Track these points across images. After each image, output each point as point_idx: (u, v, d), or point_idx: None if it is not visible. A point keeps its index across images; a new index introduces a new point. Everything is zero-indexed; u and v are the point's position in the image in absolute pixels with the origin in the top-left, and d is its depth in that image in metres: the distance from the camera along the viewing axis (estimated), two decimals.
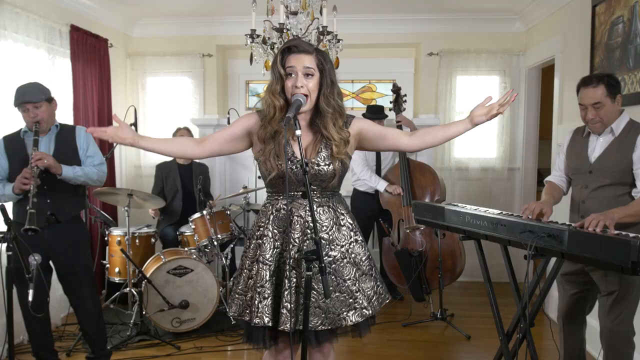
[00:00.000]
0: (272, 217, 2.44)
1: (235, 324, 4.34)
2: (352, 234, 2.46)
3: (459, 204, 3.33)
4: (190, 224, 4.75)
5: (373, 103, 6.09)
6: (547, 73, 5.85)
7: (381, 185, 5.08)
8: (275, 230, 2.42)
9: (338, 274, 2.37)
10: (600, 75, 2.93)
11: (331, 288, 2.34)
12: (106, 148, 5.24)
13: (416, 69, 6.25)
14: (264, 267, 2.39)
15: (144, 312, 4.25)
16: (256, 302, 2.36)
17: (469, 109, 5.79)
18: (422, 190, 5.00)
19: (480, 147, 5.99)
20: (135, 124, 4.80)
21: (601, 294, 2.95)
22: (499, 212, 3.02)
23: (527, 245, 2.54)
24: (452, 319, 4.79)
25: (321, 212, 2.40)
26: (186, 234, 4.86)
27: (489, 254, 3.36)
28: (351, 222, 2.48)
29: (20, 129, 3.55)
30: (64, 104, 4.77)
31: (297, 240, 2.36)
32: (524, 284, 2.73)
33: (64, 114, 4.69)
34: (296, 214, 2.38)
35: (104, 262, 4.84)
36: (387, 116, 5.36)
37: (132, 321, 4.31)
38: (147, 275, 4.26)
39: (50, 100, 3.51)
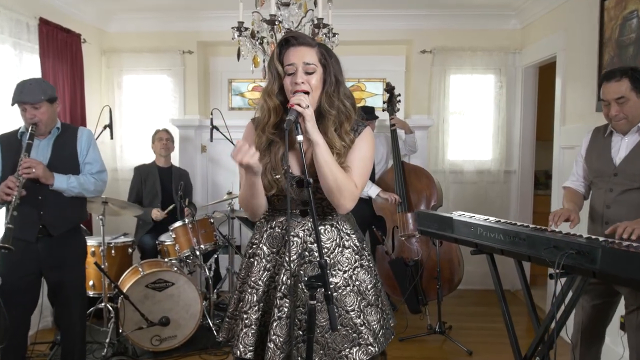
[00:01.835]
0: (266, 234, 2.14)
1: (220, 342, 4.02)
2: (357, 257, 2.14)
3: (466, 213, 3.06)
4: (171, 233, 4.42)
5: (363, 103, 5.81)
6: (544, 71, 5.64)
7: (373, 190, 4.80)
8: (267, 250, 2.12)
9: (340, 304, 2.05)
10: (624, 69, 2.72)
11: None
12: None
13: (408, 67, 5.98)
14: (252, 290, 2.10)
15: (120, 330, 3.90)
16: (239, 329, 2.09)
17: (463, 109, 5.70)
18: (418, 196, 4.73)
19: (475, 148, 5.75)
20: (110, 126, 4.45)
21: (628, 308, 2.71)
22: (514, 222, 2.76)
23: (553, 263, 2.27)
24: (450, 332, 4.52)
25: (323, 231, 2.09)
26: (166, 243, 4.52)
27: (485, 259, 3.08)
28: (358, 244, 2.16)
29: (19, 128, 3.22)
30: None
31: (292, 264, 2.05)
32: (552, 301, 2.44)
33: None
34: (293, 233, 2.07)
35: None
36: (377, 117, 5.09)
37: (107, 340, 3.96)
38: (125, 290, 3.93)
39: (52, 100, 3.15)
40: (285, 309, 2.01)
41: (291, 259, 2.04)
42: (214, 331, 4.27)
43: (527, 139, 5.66)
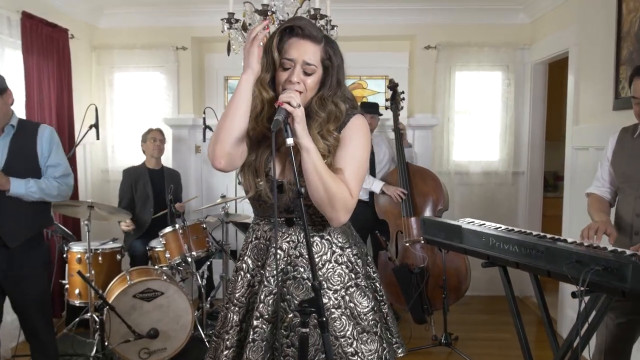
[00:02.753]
0: (250, 245, 1.91)
1: None
2: (352, 275, 1.87)
3: (476, 221, 2.82)
4: (161, 239, 4.18)
5: (364, 101, 5.56)
6: (554, 68, 5.41)
7: (377, 185, 4.54)
8: (252, 264, 1.90)
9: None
10: None
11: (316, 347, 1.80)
12: (66, 146, 4.65)
13: (411, 63, 5.73)
14: (234, 308, 1.89)
15: (106, 343, 3.66)
16: (219, 350, 1.88)
17: (469, 108, 5.45)
18: (424, 199, 4.48)
19: (481, 149, 5.51)
20: (96, 125, 4.21)
21: None
22: (529, 232, 2.52)
23: (576, 279, 2.03)
24: (457, 343, 4.28)
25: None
26: (157, 249, 4.28)
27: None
28: (354, 260, 1.90)
29: None
30: (15, 103, 4.18)
31: (271, 280, 1.81)
32: (577, 325, 2.20)
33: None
34: (274, 245, 1.83)
35: (64, 282, 4.22)
36: (382, 114, 4.85)
37: (92, 354, 3.73)
38: (111, 299, 3.69)
39: (1, 91, 2.84)
40: (261, 331, 1.78)
41: (271, 274, 1.81)
42: (206, 342, 4.04)
43: (536, 139, 5.42)
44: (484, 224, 2.75)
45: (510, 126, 5.41)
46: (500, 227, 2.65)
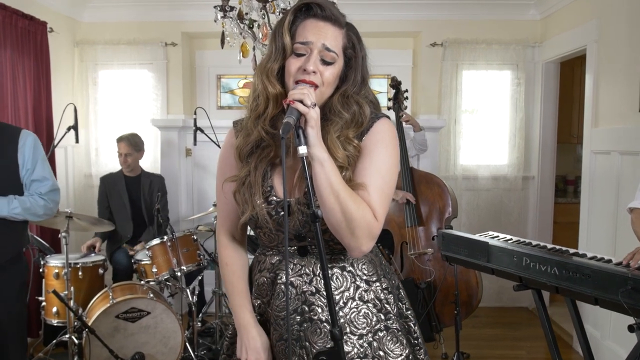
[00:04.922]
0: (256, 284, 1.58)
1: None
2: (381, 315, 1.53)
3: (501, 235, 2.51)
4: (147, 252, 3.82)
5: None
6: (565, 67, 5.13)
7: None
8: (255, 303, 1.58)
9: None
10: None
11: None
12: (45, 151, 4.28)
13: (415, 62, 5.42)
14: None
15: None
16: None
17: (476, 109, 5.13)
18: (429, 208, 4.15)
19: (490, 152, 5.21)
20: (75, 127, 3.86)
21: None
22: (564, 249, 2.21)
23: (634, 310, 1.72)
24: None
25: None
26: (143, 262, 3.92)
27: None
28: (383, 296, 1.55)
29: None
30: None
31: (281, 323, 1.48)
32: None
33: None
34: (284, 280, 1.49)
35: (41, 298, 3.85)
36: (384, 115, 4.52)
37: None
38: (92, 320, 3.35)
39: None
40: None
41: (280, 315, 1.48)
42: None
43: (547, 142, 5.12)
44: (511, 239, 2.44)
45: (520, 128, 5.11)
46: (531, 243, 2.34)
